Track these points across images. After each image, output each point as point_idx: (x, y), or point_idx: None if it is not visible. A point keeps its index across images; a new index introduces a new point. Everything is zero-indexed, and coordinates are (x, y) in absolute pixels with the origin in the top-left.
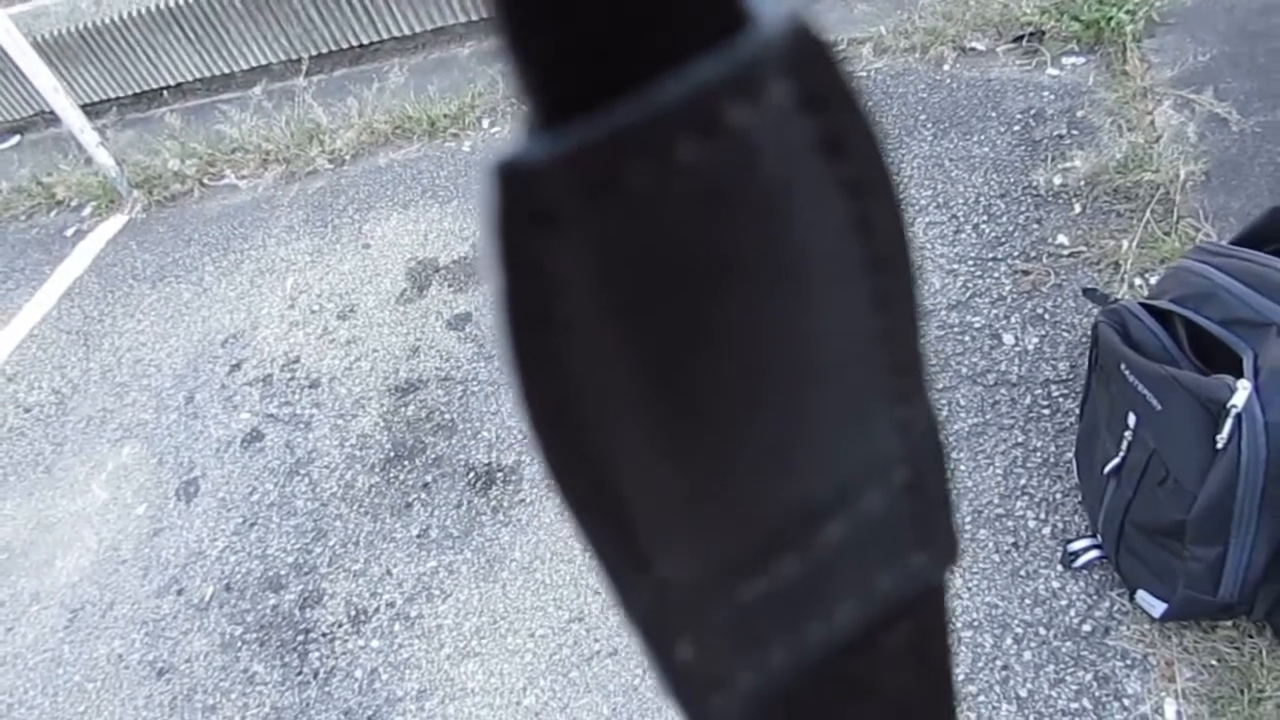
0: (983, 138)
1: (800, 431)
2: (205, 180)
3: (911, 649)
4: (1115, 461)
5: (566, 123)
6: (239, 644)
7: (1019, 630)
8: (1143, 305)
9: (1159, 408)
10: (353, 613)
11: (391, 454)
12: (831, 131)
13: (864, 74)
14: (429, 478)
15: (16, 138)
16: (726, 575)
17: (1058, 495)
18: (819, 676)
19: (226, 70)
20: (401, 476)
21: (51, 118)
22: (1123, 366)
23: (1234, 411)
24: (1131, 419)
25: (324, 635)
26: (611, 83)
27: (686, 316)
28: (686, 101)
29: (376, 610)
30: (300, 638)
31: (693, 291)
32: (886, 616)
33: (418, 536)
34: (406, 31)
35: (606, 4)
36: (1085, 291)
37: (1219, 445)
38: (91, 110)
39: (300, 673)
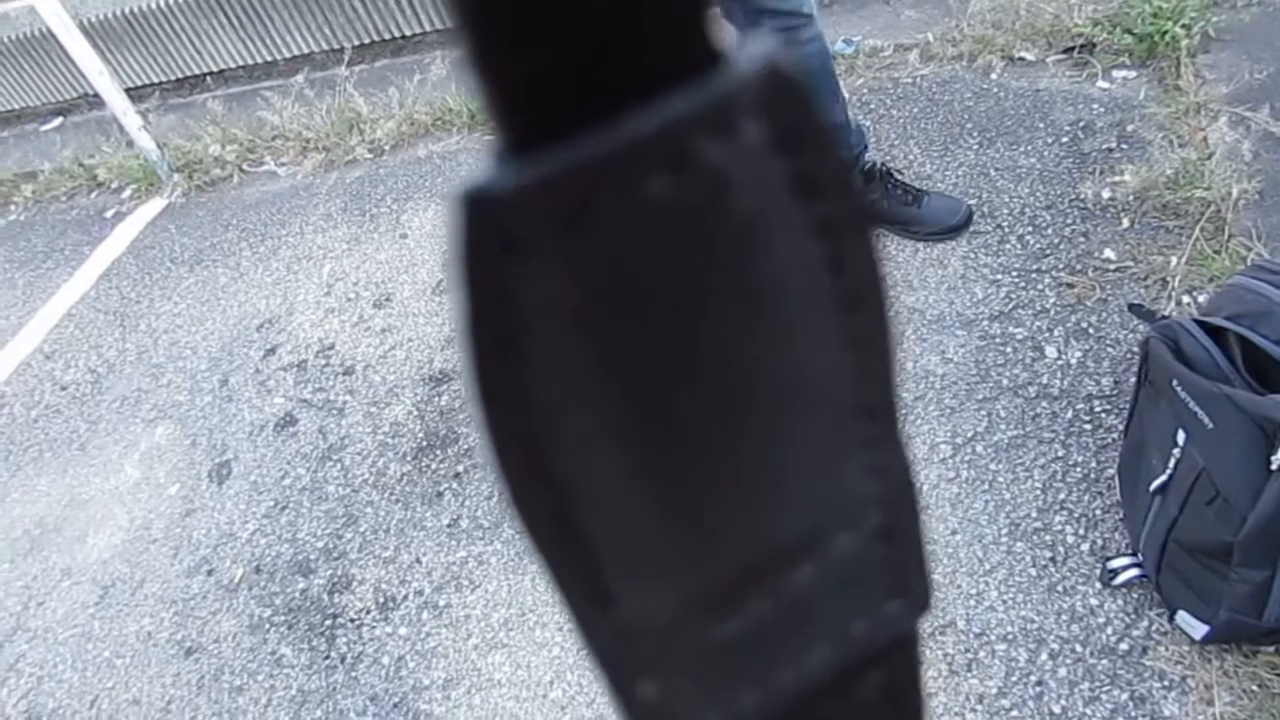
0: (1030, 148)
1: (770, 470)
2: (245, 166)
3: (884, 697)
4: (1162, 479)
5: (536, 151)
6: (267, 626)
7: (1055, 646)
8: (1196, 322)
9: (1210, 426)
10: (381, 599)
11: (424, 443)
12: (804, 171)
13: (910, 81)
14: (461, 468)
15: (60, 119)
16: (693, 615)
17: (1098, 511)
18: None
19: (269, 58)
20: (433, 466)
21: (95, 100)
22: (1174, 383)
23: None
24: (1181, 436)
25: (352, 621)
26: (583, 113)
27: (654, 351)
28: (657, 135)
29: (405, 598)
30: (328, 622)
31: (661, 326)
32: (859, 663)
33: (448, 526)
34: (449, 24)
35: (579, 33)
36: (1131, 307)
37: (1273, 466)
38: (135, 94)
39: (328, 657)
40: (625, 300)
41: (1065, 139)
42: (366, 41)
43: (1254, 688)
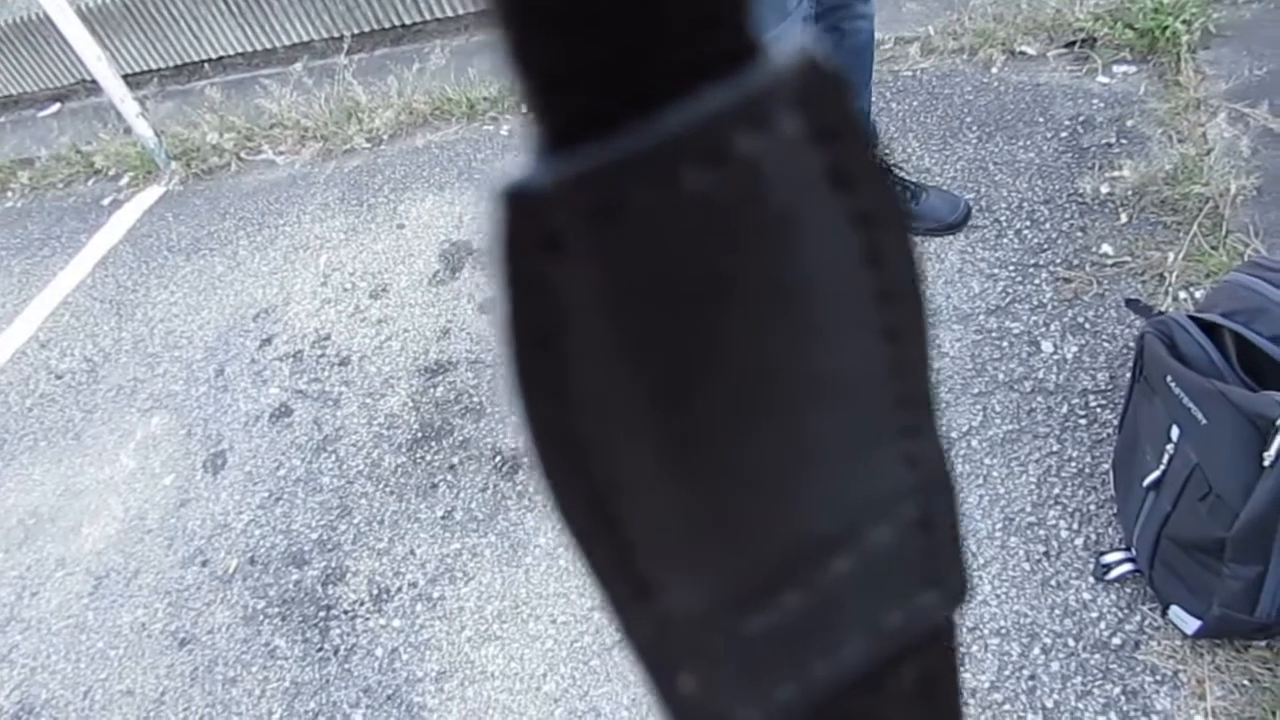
0: (1029, 143)
1: (807, 463)
2: (243, 154)
3: (920, 688)
4: (1155, 474)
5: (574, 147)
6: (261, 618)
7: (1047, 640)
8: (1191, 318)
9: (1204, 422)
10: (375, 591)
11: (419, 434)
12: (841, 164)
13: (910, 74)
14: (455, 460)
15: (57, 105)
16: (731, 607)
17: (1092, 506)
18: (824, 714)
19: (268, 45)
20: (428, 457)
21: (93, 86)
22: (1168, 379)
23: None
24: (1175, 432)
25: (346, 613)
26: (620, 108)
27: (693, 343)
28: (694, 129)
29: (399, 590)
30: (322, 614)
31: (699, 319)
32: (895, 654)
33: (442, 518)
34: (449, 13)
35: (616, 30)
36: (1128, 302)
37: (1266, 463)
38: (132, 81)
39: (321, 649)
40: (662, 294)
41: (1065, 134)
42: (366, 30)
43: (1245, 682)
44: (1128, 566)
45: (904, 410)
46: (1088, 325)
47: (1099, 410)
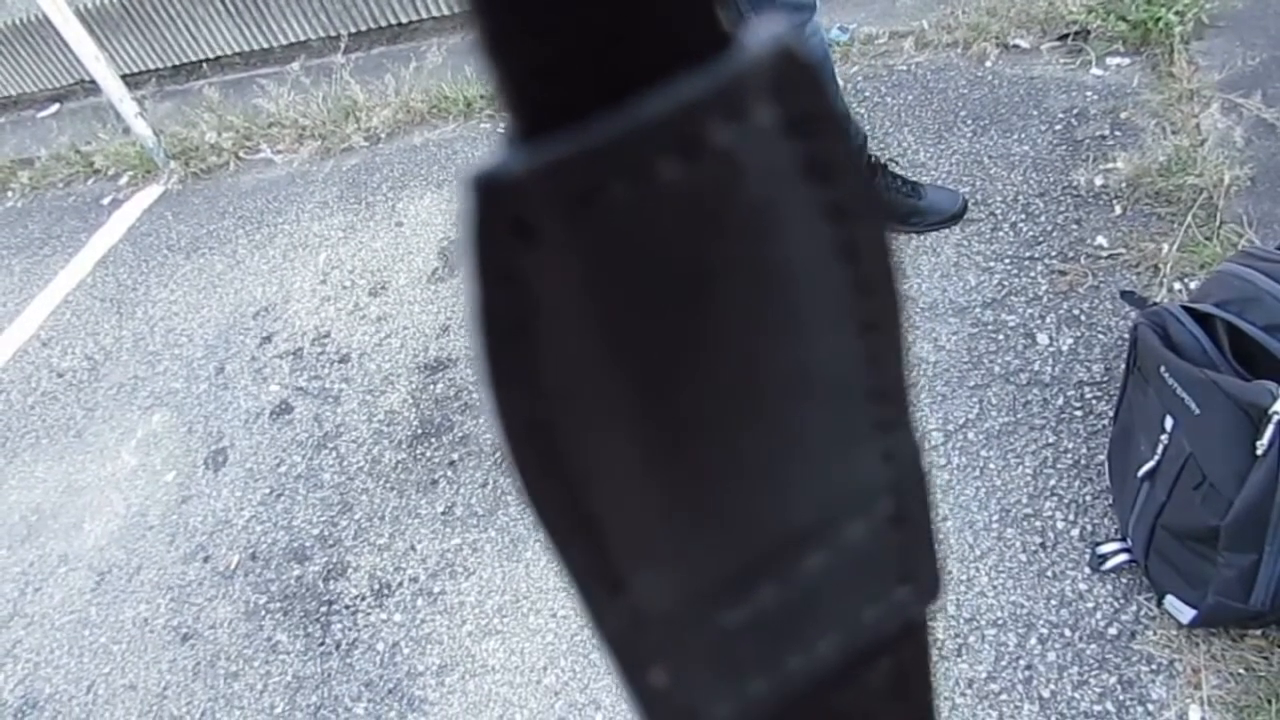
0: (1023, 136)
1: (782, 456)
2: (241, 154)
3: (892, 685)
4: (1150, 465)
5: (547, 136)
6: (263, 613)
7: (1044, 631)
8: (1184, 308)
9: (1197, 412)
10: (376, 586)
11: (419, 431)
12: (816, 155)
13: (904, 68)
14: (455, 456)
15: (56, 105)
16: (704, 602)
17: (1087, 497)
18: (797, 710)
19: (266, 45)
20: (428, 453)
21: (91, 86)
22: (1162, 369)
23: (1276, 418)
24: (1169, 422)
25: (347, 608)
26: (593, 97)
27: (666, 334)
28: (668, 119)
29: (400, 585)
30: (324, 609)
31: (671, 311)
32: (869, 650)
33: (443, 513)
34: (446, 11)
35: (590, 18)
36: (1123, 294)
37: (1259, 452)
38: (131, 81)
39: (323, 643)
40: (636, 285)
41: (1059, 126)
42: (363, 29)
43: (1240, 671)
44: (1123, 557)
45: (880, 404)
46: (1083, 317)
47: (1094, 402)
